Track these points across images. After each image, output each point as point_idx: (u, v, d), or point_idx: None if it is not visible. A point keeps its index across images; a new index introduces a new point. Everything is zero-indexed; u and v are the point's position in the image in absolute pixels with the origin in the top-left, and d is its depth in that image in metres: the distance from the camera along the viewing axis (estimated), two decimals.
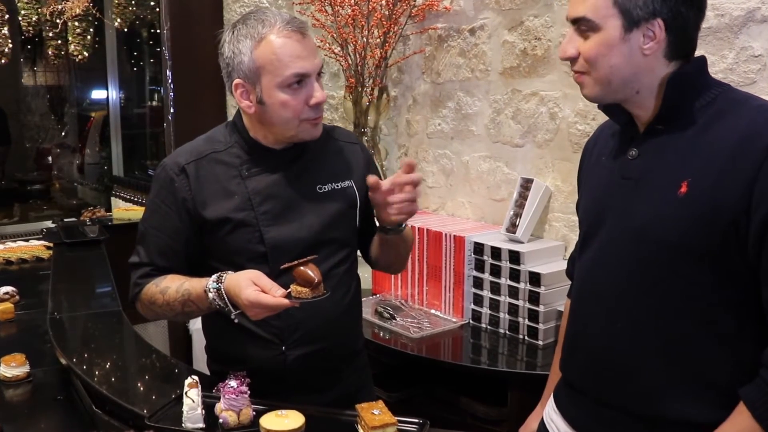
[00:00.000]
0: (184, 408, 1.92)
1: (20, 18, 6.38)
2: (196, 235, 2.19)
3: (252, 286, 1.93)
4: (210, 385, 2.07)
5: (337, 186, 2.26)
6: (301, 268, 1.96)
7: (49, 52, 6.68)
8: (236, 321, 2.04)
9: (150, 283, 2.21)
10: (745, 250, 1.59)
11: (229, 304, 2.00)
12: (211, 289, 2.02)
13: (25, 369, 2.58)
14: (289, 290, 1.94)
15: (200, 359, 4.77)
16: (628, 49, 1.68)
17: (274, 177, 2.18)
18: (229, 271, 2.04)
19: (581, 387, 1.90)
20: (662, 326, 1.70)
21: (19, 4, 6.30)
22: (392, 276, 3.63)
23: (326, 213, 2.22)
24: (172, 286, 2.15)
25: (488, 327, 3.24)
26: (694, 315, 1.67)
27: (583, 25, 1.71)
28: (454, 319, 3.35)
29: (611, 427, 1.81)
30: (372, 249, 2.43)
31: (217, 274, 2.04)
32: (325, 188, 2.24)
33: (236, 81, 2.11)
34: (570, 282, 2.19)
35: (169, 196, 2.18)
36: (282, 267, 2.01)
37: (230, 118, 5.47)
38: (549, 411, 2.08)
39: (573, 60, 1.76)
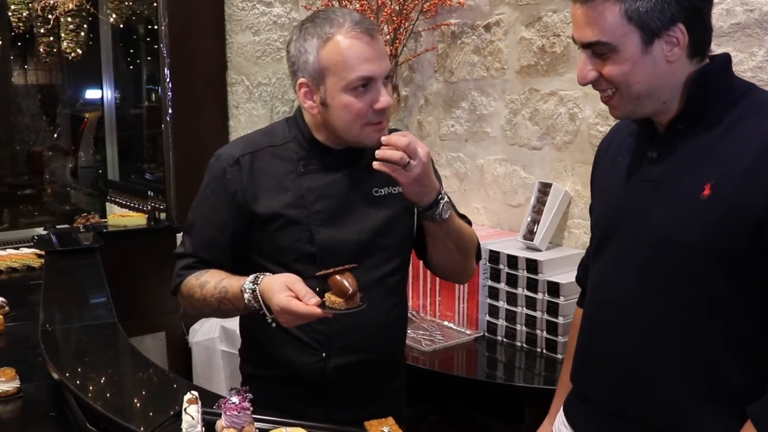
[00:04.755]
0: (183, 425, 1.93)
1: (10, 14, 6.41)
2: (244, 230, 2.23)
3: (285, 291, 1.96)
4: (215, 401, 2.06)
5: (394, 190, 2.27)
6: (337, 277, 1.96)
7: (41, 50, 6.71)
8: (273, 325, 2.05)
9: (191, 275, 2.26)
10: None
11: (264, 307, 2.03)
12: (247, 290, 2.06)
13: (15, 384, 2.59)
14: (324, 299, 1.95)
15: (200, 373, 4.79)
16: (651, 60, 1.69)
17: (331, 177, 2.22)
18: (267, 273, 2.09)
19: (595, 399, 1.92)
20: (684, 336, 1.71)
21: None
22: None
23: (380, 217, 2.25)
24: (211, 281, 2.19)
25: (504, 340, 3.24)
26: (717, 324, 1.68)
27: (598, 49, 1.71)
28: (468, 332, 3.35)
29: None
30: (427, 250, 2.38)
31: (255, 275, 2.09)
32: (381, 192, 2.27)
33: (300, 80, 2.16)
34: (580, 290, 2.21)
35: (220, 187, 2.23)
36: (318, 274, 2.02)
37: (232, 119, 5.43)
38: (559, 425, 2.09)
39: (595, 82, 1.77)
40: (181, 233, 2.41)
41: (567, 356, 2.23)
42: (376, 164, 2.05)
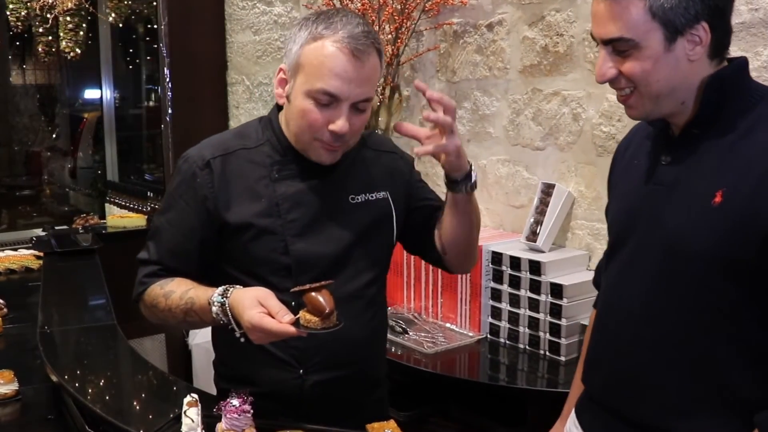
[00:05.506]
0: (183, 428, 1.93)
1: (8, 13, 6.42)
2: (213, 238, 2.15)
3: (257, 307, 1.87)
4: (215, 403, 2.04)
5: (371, 197, 2.23)
6: (313, 294, 1.88)
7: (39, 49, 6.71)
8: (242, 340, 1.95)
9: (155, 284, 2.17)
10: None
11: (233, 322, 1.94)
12: (215, 303, 1.97)
13: (14, 387, 2.59)
14: (298, 317, 1.86)
15: (200, 376, 4.79)
16: (674, 59, 1.68)
17: (306, 183, 2.15)
18: (238, 286, 1.99)
19: (603, 401, 1.92)
20: (690, 341, 1.71)
21: None
22: (405, 287, 3.63)
23: (357, 226, 2.19)
24: (177, 291, 2.11)
25: (507, 342, 3.24)
26: (723, 331, 1.68)
27: (620, 45, 1.70)
28: (470, 334, 3.35)
29: None
30: (442, 232, 2.29)
31: (224, 287, 1.99)
32: (358, 199, 2.21)
33: (282, 65, 2.12)
34: (597, 292, 2.20)
35: (189, 191, 2.14)
36: (292, 290, 1.94)
37: (232, 119, 5.41)
38: (570, 427, 2.10)
39: (613, 80, 1.75)
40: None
41: (581, 358, 2.22)
42: (427, 120, 1.96)
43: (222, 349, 2.34)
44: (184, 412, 1.95)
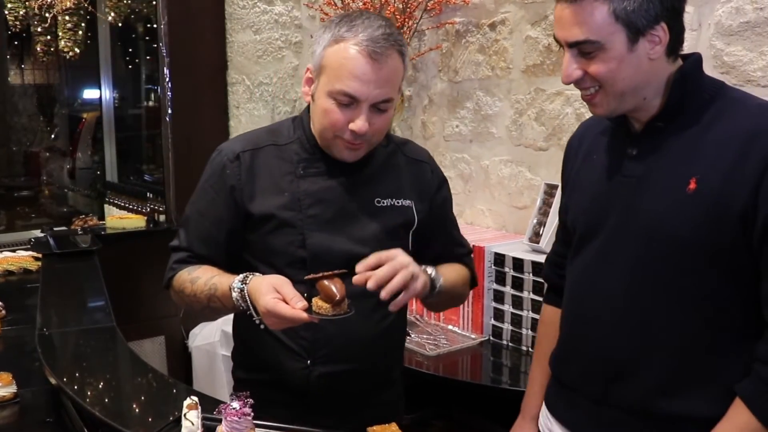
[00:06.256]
0: (183, 431, 1.93)
1: (6, 12, 6.42)
2: (239, 228, 2.25)
3: (272, 293, 1.96)
4: (215, 406, 2.05)
5: (397, 203, 2.29)
6: (325, 282, 1.97)
7: (38, 49, 6.71)
8: (261, 326, 2.06)
9: (184, 270, 2.27)
10: (752, 245, 1.71)
11: (251, 308, 2.04)
12: (235, 289, 2.07)
13: (12, 389, 2.60)
14: (311, 303, 1.96)
15: (200, 378, 4.79)
16: (636, 58, 1.77)
17: (331, 182, 2.23)
18: (257, 273, 2.10)
19: (582, 389, 1.99)
20: (672, 325, 1.81)
21: None
22: None
23: (379, 229, 2.25)
24: (202, 277, 2.20)
25: (510, 344, 3.24)
26: (704, 313, 1.78)
27: (585, 48, 1.78)
28: (472, 336, 3.35)
29: (610, 426, 1.91)
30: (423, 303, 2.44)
31: (244, 274, 2.09)
32: (383, 203, 2.28)
33: (309, 65, 2.20)
34: (547, 285, 2.33)
35: (219, 182, 2.25)
36: (306, 278, 2.03)
37: (232, 119, 5.42)
38: (544, 420, 2.17)
39: (579, 81, 1.84)
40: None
41: (539, 354, 2.29)
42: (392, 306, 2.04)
43: (240, 339, 2.44)
44: (184, 415, 1.95)
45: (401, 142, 2.42)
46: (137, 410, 2.40)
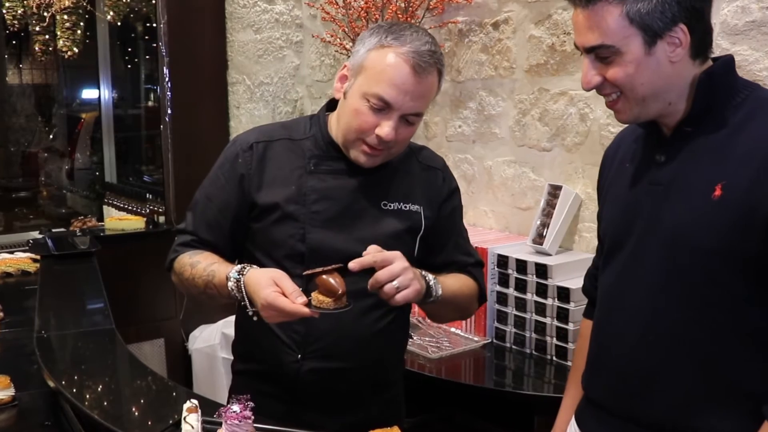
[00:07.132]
0: None
1: (4, 11, 6.42)
2: (245, 217, 2.29)
3: (272, 287, 1.99)
4: (215, 409, 2.04)
5: (405, 207, 2.32)
6: (325, 276, 2.00)
7: (36, 48, 6.71)
8: (255, 318, 2.08)
9: (186, 253, 2.32)
10: None
11: (246, 299, 2.07)
12: (231, 278, 2.10)
13: (10, 392, 2.59)
14: (310, 298, 1.98)
15: (200, 381, 4.80)
16: (655, 62, 1.74)
17: (340, 181, 2.27)
18: (254, 265, 2.14)
19: (609, 406, 1.95)
20: (700, 337, 1.76)
21: None
22: None
23: (384, 231, 2.27)
24: (203, 262, 2.24)
25: (513, 346, 3.24)
26: (732, 325, 1.73)
27: (602, 53, 1.77)
28: (475, 338, 3.35)
29: None
30: (426, 313, 2.48)
31: (242, 265, 2.13)
32: (390, 206, 2.31)
33: (346, 63, 2.24)
34: (587, 300, 2.26)
35: (230, 169, 2.30)
36: (305, 273, 2.07)
37: (233, 119, 5.44)
38: None
39: (599, 87, 1.82)
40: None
41: (574, 367, 2.27)
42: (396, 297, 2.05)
43: (240, 328, 2.48)
44: (184, 418, 1.95)
45: (417, 148, 2.45)
46: (136, 413, 2.39)
